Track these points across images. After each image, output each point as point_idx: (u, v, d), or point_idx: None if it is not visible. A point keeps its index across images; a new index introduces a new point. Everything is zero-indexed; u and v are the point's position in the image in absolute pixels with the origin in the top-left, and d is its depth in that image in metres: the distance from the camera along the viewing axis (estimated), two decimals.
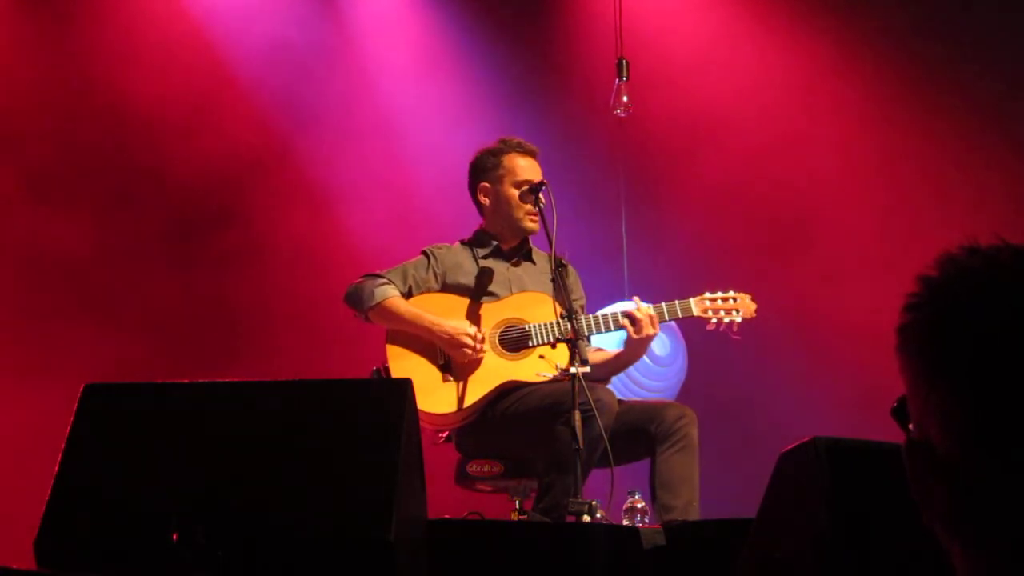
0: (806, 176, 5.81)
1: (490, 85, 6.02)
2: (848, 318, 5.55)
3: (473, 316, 3.92)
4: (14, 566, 2.43)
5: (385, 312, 3.86)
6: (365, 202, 5.80)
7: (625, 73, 4.81)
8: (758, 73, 5.98)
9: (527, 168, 4.02)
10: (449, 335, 3.80)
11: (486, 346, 3.86)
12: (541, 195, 3.87)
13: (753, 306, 4.00)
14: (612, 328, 3.89)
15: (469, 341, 3.79)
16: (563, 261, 3.85)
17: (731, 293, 3.99)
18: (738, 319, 3.95)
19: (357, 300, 3.88)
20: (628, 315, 3.85)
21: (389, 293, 3.88)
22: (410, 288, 3.95)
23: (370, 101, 5.96)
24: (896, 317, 0.96)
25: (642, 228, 5.83)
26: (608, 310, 4.12)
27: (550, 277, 3.97)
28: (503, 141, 4.09)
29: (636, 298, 3.93)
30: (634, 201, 5.83)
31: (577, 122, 6.01)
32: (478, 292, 3.97)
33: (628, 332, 3.84)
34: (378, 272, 3.95)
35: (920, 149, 5.74)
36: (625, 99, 4.79)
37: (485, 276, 4.00)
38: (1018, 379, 0.88)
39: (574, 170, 5.67)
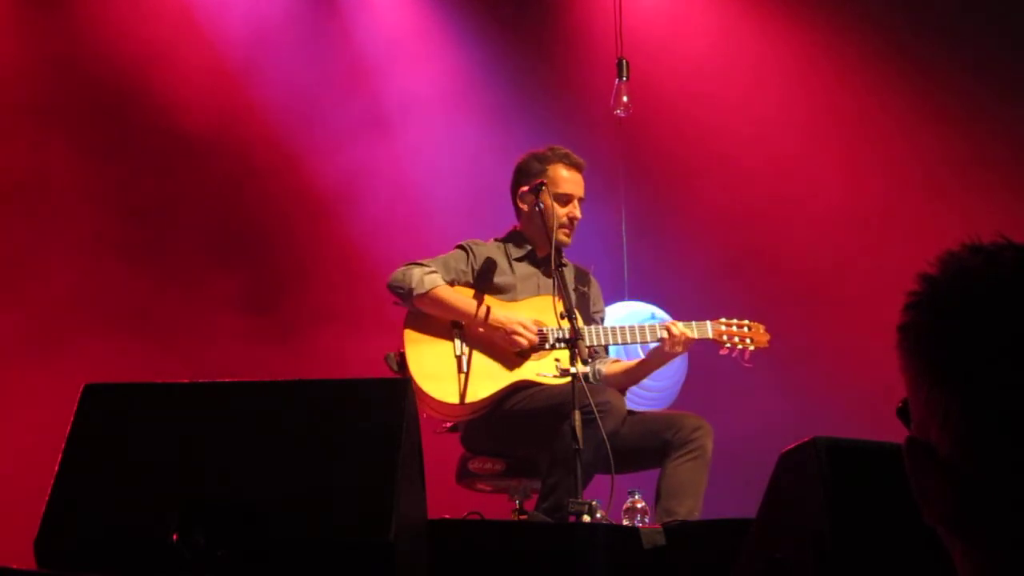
0: (806, 174, 5.81)
1: (490, 85, 6.02)
2: (849, 317, 5.55)
3: None
4: (14, 566, 2.43)
5: (436, 300, 3.86)
6: (364, 202, 5.80)
7: (625, 73, 4.81)
8: (758, 72, 5.98)
9: (570, 181, 4.02)
10: (502, 323, 3.83)
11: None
12: (540, 195, 3.88)
13: (767, 337, 4.03)
14: (644, 340, 3.93)
15: (522, 330, 3.81)
16: (583, 270, 3.88)
17: (746, 321, 4.02)
18: (751, 347, 3.97)
19: (405, 287, 3.85)
20: (667, 327, 3.90)
21: (438, 281, 3.88)
22: (452, 280, 3.95)
23: (369, 101, 5.96)
24: (897, 315, 0.96)
25: (642, 228, 5.83)
26: (625, 321, 4.15)
27: (574, 287, 4.01)
28: (551, 149, 4.07)
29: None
30: (634, 201, 5.83)
31: (577, 122, 6.01)
32: (506, 292, 3.98)
33: (664, 342, 3.88)
34: (421, 261, 3.93)
35: (922, 150, 5.75)
36: (625, 99, 4.80)
37: (516, 277, 4.02)
38: (1019, 379, 0.88)
39: None
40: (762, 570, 2.44)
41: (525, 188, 4.01)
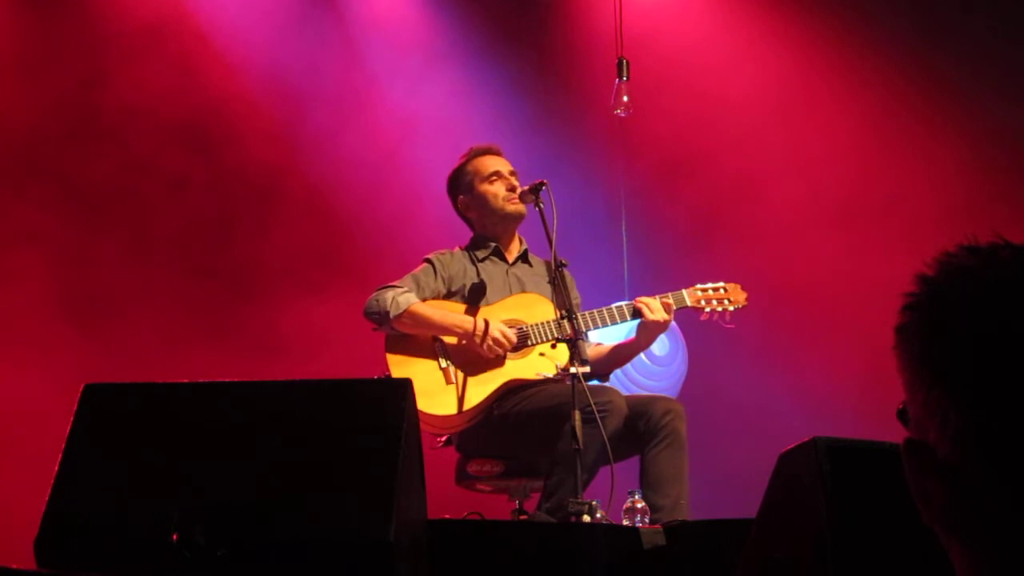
0: (808, 173, 5.81)
1: (490, 85, 6.02)
2: (849, 318, 5.55)
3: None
4: (14, 566, 2.43)
5: (414, 317, 3.86)
6: (364, 204, 5.80)
7: (625, 73, 4.81)
8: (758, 72, 5.98)
9: (491, 162, 4.13)
10: (477, 334, 3.81)
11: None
12: (541, 195, 3.89)
13: (744, 295, 4.04)
14: (623, 319, 3.90)
15: (497, 338, 3.81)
16: (563, 262, 3.86)
17: (721, 283, 4.02)
18: (730, 308, 3.99)
19: (381, 311, 3.86)
20: (640, 300, 3.89)
21: (413, 299, 3.89)
22: (425, 297, 3.97)
23: (369, 103, 5.96)
24: (896, 316, 0.96)
25: (642, 228, 5.83)
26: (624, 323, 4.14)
27: (547, 279, 4.00)
28: (464, 154, 4.21)
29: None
30: (634, 201, 5.83)
31: (577, 122, 6.01)
32: (480, 296, 3.99)
33: (644, 315, 3.86)
34: (392, 284, 3.95)
35: (920, 148, 5.75)
36: (625, 99, 4.79)
37: (486, 279, 4.02)
38: (1016, 380, 0.88)
39: (574, 170, 5.67)
40: (762, 570, 2.45)
41: (463, 196, 4.15)
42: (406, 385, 2.56)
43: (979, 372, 0.89)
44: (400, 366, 3.86)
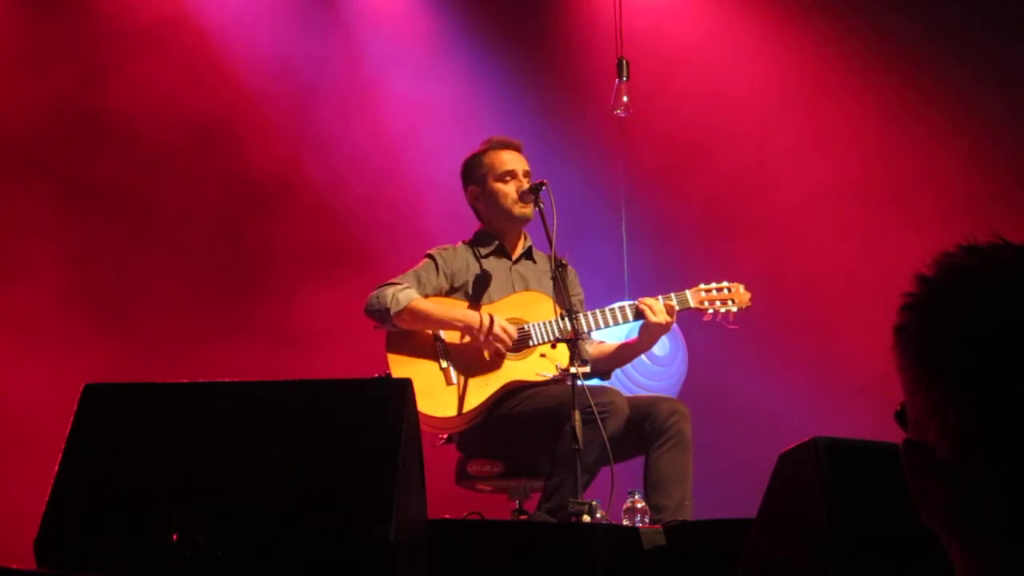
0: (806, 174, 5.81)
1: (490, 86, 6.02)
2: (849, 317, 5.55)
3: None
4: (14, 566, 2.43)
5: (414, 313, 3.85)
6: (369, 200, 5.80)
7: (625, 73, 4.81)
8: (758, 71, 5.98)
9: (509, 159, 4.08)
10: (478, 329, 3.80)
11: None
12: (541, 195, 3.88)
13: (748, 295, 4.02)
14: (625, 320, 3.89)
15: (499, 334, 3.79)
16: (563, 261, 3.85)
17: (725, 283, 4.01)
18: (733, 309, 3.97)
19: (382, 308, 3.85)
20: (642, 301, 3.88)
21: (413, 296, 3.88)
22: (427, 293, 3.96)
23: (370, 103, 5.96)
24: (895, 317, 0.96)
25: (642, 228, 5.83)
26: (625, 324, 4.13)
27: (551, 275, 3.99)
28: (484, 142, 4.16)
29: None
30: (634, 201, 5.83)
31: (577, 122, 6.01)
32: (483, 292, 3.98)
33: (646, 316, 3.84)
34: (393, 280, 3.94)
35: (919, 148, 5.74)
36: (625, 99, 4.79)
37: (489, 276, 4.02)
38: (1017, 381, 0.87)
39: (574, 170, 5.67)
40: (762, 570, 2.45)
41: (474, 187, 4.11)
42: (406, 385, 2.56)
43: (980, 372, 0.89)
44: (401, 366, 3.85)
